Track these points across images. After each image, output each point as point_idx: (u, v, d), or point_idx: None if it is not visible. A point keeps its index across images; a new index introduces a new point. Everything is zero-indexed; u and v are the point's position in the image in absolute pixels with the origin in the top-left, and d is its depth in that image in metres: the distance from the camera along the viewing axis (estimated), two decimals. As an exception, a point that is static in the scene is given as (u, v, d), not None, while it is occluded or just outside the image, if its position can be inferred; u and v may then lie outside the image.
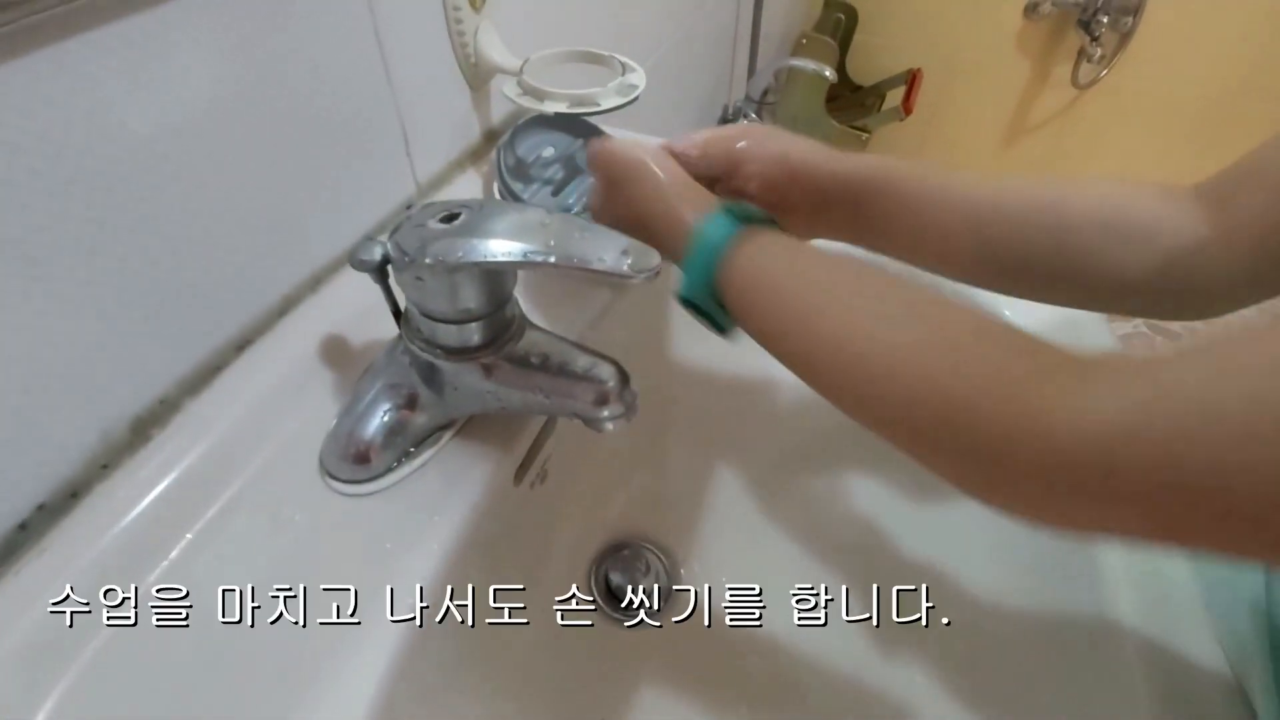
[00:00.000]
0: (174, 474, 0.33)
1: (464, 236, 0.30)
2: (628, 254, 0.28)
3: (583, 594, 0.49)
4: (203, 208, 0.34)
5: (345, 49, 0.40)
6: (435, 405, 0.36)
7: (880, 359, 0.26)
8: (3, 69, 0.25)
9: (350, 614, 0.31)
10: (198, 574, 0.31)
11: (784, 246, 0.32)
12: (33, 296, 0.28)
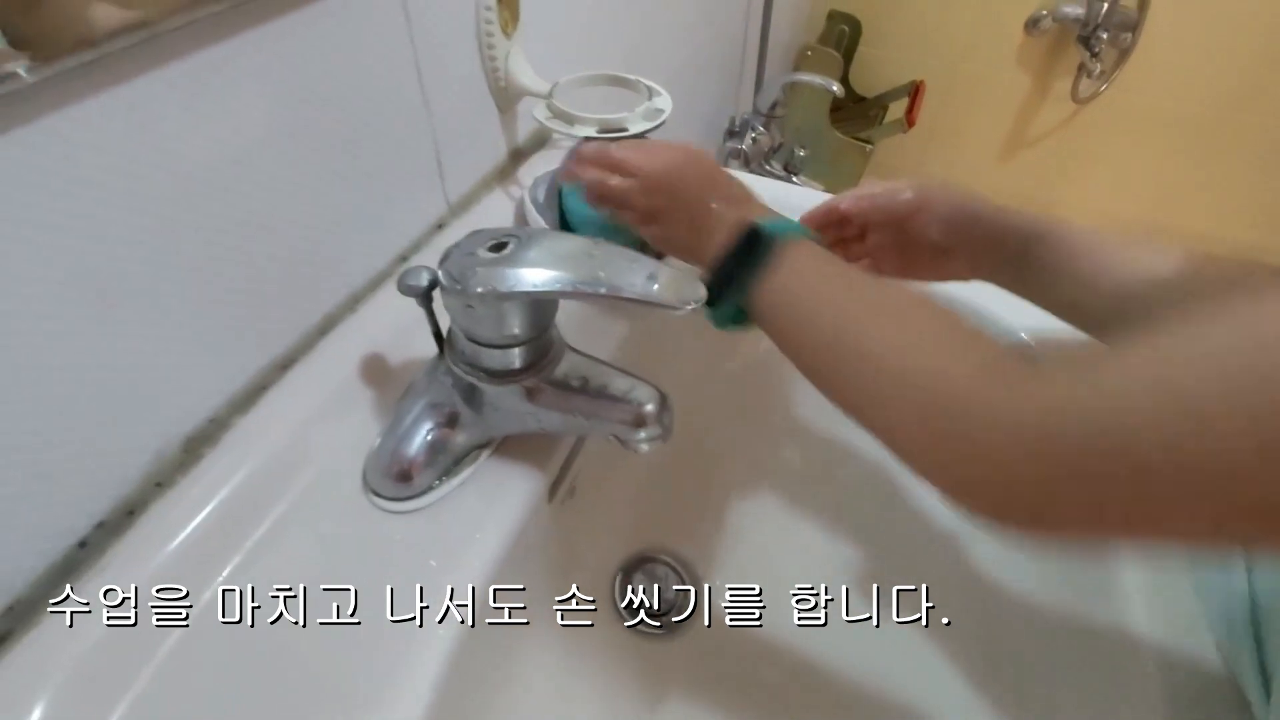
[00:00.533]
0: (225, 491, 0.34)
1: (513, 266, 0.31)
2: (675, 283, 0.29)
3: (609, 603, 0.50)
4: (253, 233, 0.35)
5: (387, 77, 0.41)
6: (476, 425, 0.37)
7: (872, 352, 0.29)
8: (80, 107, 0.26)
9: (401, 617, 0.32)
10: (250, 586, 0.32)
11: (814, 265, 0.34)
12: (103, 323, 0.29)
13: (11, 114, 0.24)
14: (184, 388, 0.34)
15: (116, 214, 0.28)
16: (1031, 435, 0.23)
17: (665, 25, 0.85)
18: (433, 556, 0.35)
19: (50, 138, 0.25)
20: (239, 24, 0.31)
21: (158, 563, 0.31)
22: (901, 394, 0.27)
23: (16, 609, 0.29)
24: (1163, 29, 1.47)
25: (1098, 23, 1.48)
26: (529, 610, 0.40)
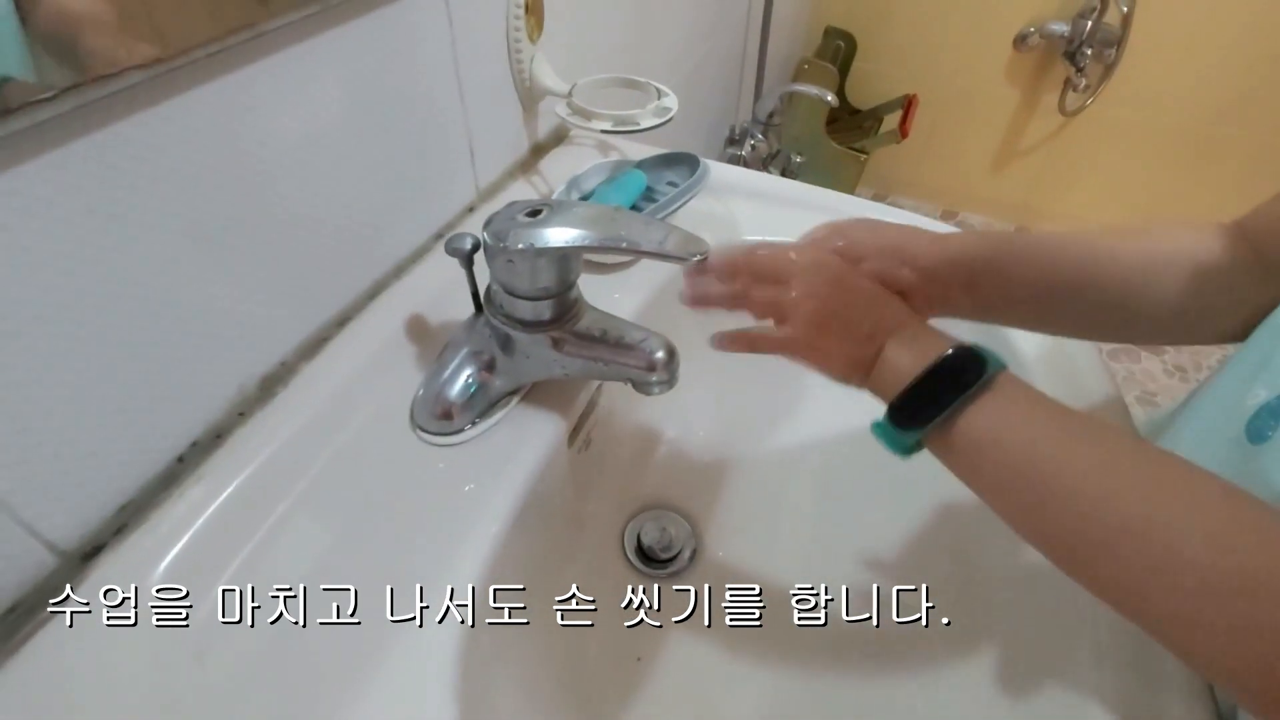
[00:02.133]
0: (297, 424, 0.40)
1: (548, 227, 0.37)
2: (685, 240, 0.35)
3: (619, 548, 0.55)
4: (322, 206, 0.41)
5: (432, 77, 0.47)
6: (509, 371, 0.43)
7: (1188, 557, 0.24)
8: (203, 89, 0.32)
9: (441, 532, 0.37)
10: (323, 500, 0.38)
11: (1035, 399, 0.31)
12: (205, 268, 0.35)
13: (155, 92, 0.30)
14: (262, 334, 0.40)
15: (223, 179, 0.34)
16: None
17: (671, 38, 0.92)
18: (470, 482, 0.41)
19: (181, 112, 0.31)
20: (320, 26, 0.37)
21: (242, 479, 0.37)
22: (1224, 615, 0.22)
23: (129, 507, 0.35)
24: (1145, 45, 1.54)
25: (1083, 39, 1.55)
26: (548, 542, 0.46)
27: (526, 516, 0.41)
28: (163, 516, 0.35)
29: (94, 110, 0.28)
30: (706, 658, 0.51)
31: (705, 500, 0.59)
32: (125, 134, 0.29)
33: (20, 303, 0.27)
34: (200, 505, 0.36)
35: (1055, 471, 0.28)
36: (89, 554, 0.33)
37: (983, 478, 0.31)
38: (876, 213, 0.64)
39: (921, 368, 0.31)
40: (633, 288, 0.54)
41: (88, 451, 0.32)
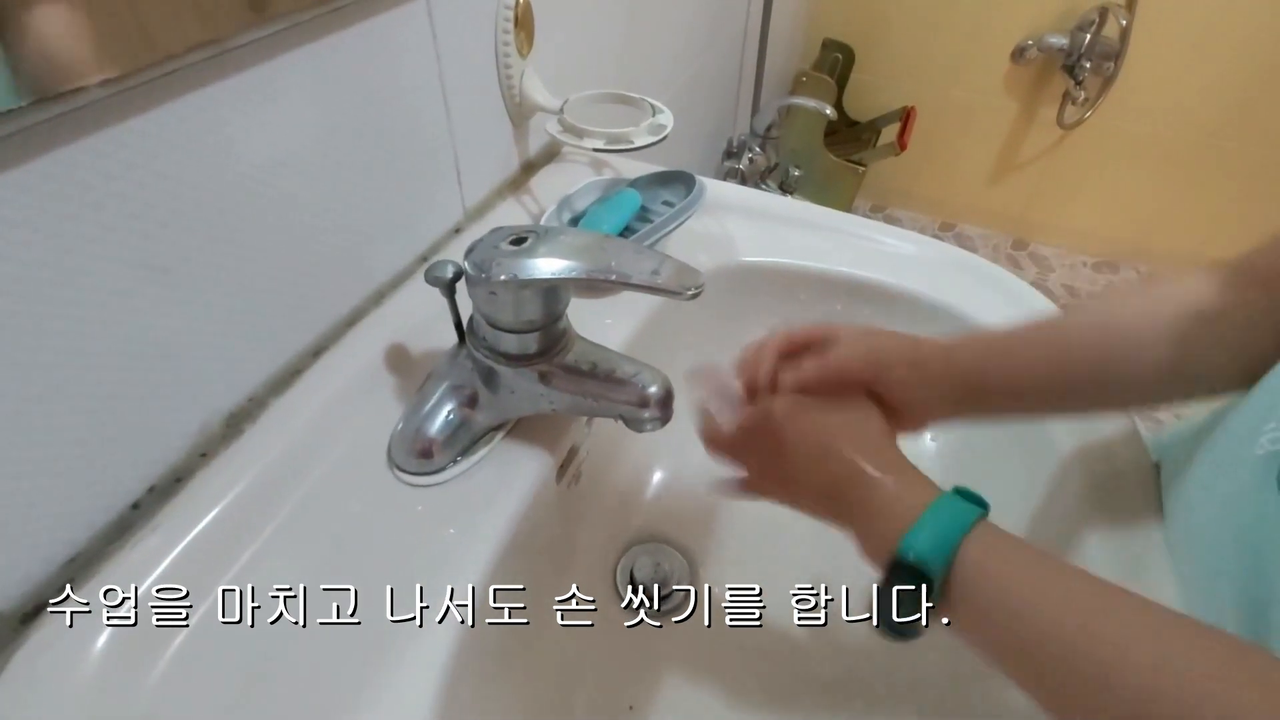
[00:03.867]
0: (264, 464, 0.37)
1: (532, 257, 0.35)
2: (680, 272, 0.33)
3: (611, 587, 0.52)
4: (294, 231, 0.39)
5: (415, 93, 0.45)
6: (493, 406, 0.40)
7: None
8: (161, 110, 0.30)
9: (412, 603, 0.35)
10: (291, 547, 0.35)
11: (1029, 552, 0.29)
12: (160, 301, 0.32)
13: (103, 116, 0.28)
14: (227, 367, 0.37)
15: (182, 204, 0.32)
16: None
17: (665, 51, 0.90)
18: (451, 526, 0.38)
19: (135, 135, 0.29)
20: (292, 41, 0.35)
21: (203, 526, 0.34)
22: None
23: (78, 560, 0.32)
24: (1144, 58, 1.54)
25: (1081, 52, 1.54)
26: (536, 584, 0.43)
27: (512, 560, 0.39)
28: (114, 570, 0.32)
29: (34, 134, 0.25)
30: (704, 705, 0.48)
31: (701, 534, 0.57)
32: (71, 159, 0.27)
33: (-54, 346, 0.25)
34: (156, 556, 0.33)
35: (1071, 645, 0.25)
36: (29, 615, 0.30)
37: (982, 636, 0.29)
38: (871, 229, 0.62)
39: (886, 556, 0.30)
40: (623, 313, 0.52)
41: (28, 501, 0.29)
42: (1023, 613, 0.26)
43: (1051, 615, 0.26)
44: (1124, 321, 0.37)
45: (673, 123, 0.54)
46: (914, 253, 0.60)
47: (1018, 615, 0.27)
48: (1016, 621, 0.27)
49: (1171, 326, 0.36)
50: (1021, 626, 0.26)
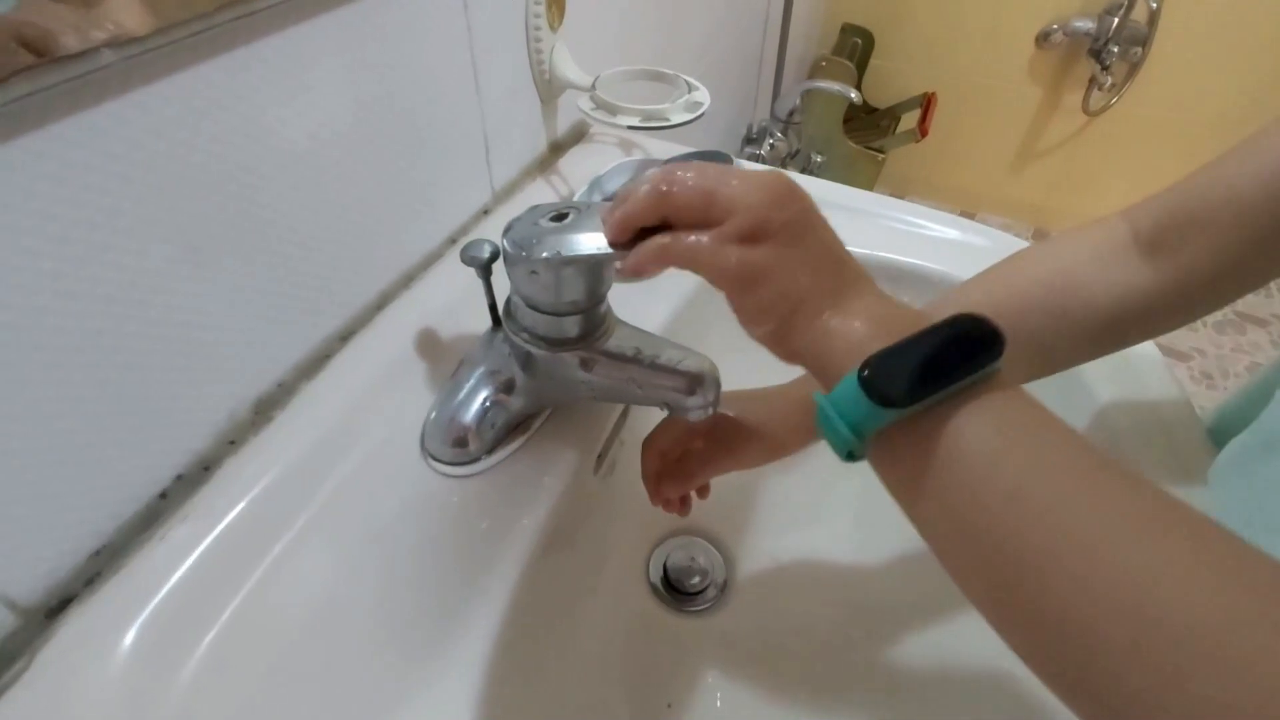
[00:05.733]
0: (293, 453, 0.35)
1: (575, 232, 0.33)
2: None
3: (645, 581, 0.51)
4: (322, 208, 0.37)
5: (446, 67, 0.43)
6: (530, 393, 0.39)
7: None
8: (188, 73, 0.28)
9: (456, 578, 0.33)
10: (323, 540, 0.33)
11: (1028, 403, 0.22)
12: (189, 281, 0.31)
13: (131, 76, 0.26)
14: (256, 351, 0.36)
15: (210, 177, 0.30)
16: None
17: (692, 31, 0.87)
18: (487, 519, 0.36)
19: (160, 100, 0.27)
20: (322, 5, 0.33)
21: (233, 517, 0.33)
22: None
23: (104, 553, 0.30)
24: (1173, 43, 1.50)
25: (1108, 37, 1.51)
26: (570, 579, 0.42)
27: (548, 554, 0.37)
28: (142, 562, 0.31)
29: (54, 97, 0.24)
30: (743, 702, 0.46)
31: (737, 526, 0.55)
32: (94, 125, 0.25)
33: (-33, 324, 0.23)
34: (185, 548, 0.31)
35: (1067, 524, 0.19)
36: (55, 609, 0.29)
37: (944, 505, 0.22)
38: (909, 213, 0.60)
39: (912, 329, 0.23)
40: (662, 294, 0.50)
41: (54, 493, 0.28)
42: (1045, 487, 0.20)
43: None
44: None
45: (709, 100, 0.52)
46: (957, 237, 0.58)
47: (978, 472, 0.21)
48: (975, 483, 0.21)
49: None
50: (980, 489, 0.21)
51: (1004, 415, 0.22)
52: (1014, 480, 0.20)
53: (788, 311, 0.26)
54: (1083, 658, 0.18)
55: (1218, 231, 0.32)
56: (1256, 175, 0.31)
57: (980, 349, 0.22)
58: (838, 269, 0.26)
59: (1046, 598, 0.19)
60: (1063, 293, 0.36)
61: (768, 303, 0.26)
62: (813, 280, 0.25)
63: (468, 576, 0.34)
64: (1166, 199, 0.35)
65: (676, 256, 0.27)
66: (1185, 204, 0.34)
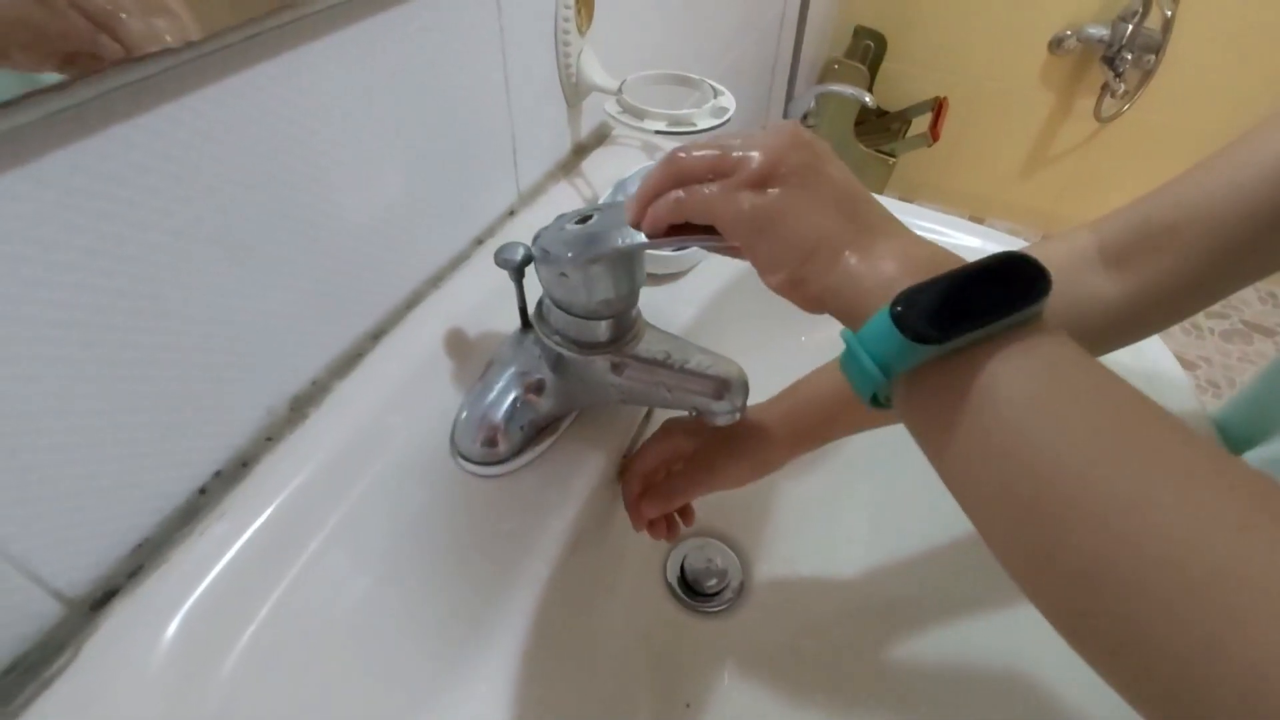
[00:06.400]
0: (328, 451, 0.36)
1: (600, 230, 0.33)
2: None
3: (663, 583, 0.51)
4: (357, 210, 0.37)
5: (478, 69, 0.43)
6: (560, 395, 0.39)
7: None
8: (237, 78, 0.28)
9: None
10: (357, 538, 0.34)
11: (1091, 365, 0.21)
12: (232, 280, 0.31)
13: (184, 81, 0.26)
14: (292, 350, 0.36)
15: (256, 179, 0.31)
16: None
17: (711, 34, 0.87)
18: (516, 517, 0.37)
19: (211, 104, 0.28)
20: (365, 10, 0.33)
21: (270, 513, 0.33)
22: None
23: (146, 546, 0.31)
24: (1186, 51, 1.50)
25: (1122, 44, 1.50)
26: (593, 580, 0.42)
27: (574, 555, 0.38)
28: (183, 556, 0.31)
29: (113, 101, 0.24)
30: (760, 702, 0.47)
31: (753, 529, 0.56)
32: (149, 128, 0.26)
33: (21, 321, 0.24)
34: (224, 543, 0.32)
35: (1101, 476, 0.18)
36: (100, 601, 0.29)
37: (976, 453, 0.20)
38: (932, 221, 0.60)
39: (947, 267, 0.22)
40: (686, 298, 0.51)
41: (100, 487, 0.28)
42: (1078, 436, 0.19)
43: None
44: None
45: (735, 105, 0.52)
46: (977, 245, 0.58)
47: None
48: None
49: None
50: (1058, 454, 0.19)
51: (1046, 359, 0.20)
52: (1053, 430, 0.19)
53: (805, 254, 0.25)
54: (1129, 616, 0.17)
55: (1184, 245, 0.33)
56: (1224, 191, 0.32)
57: (1023, 288, 0.20)
58: (856, 209, 0.25)
59: (1088, 558, 0.18)
60: None
61: (782, 246, 0.25)
62: (830, 221, 0.25)
63: (497, 576, 0.34)
64: (1131, 213, 0.35)
65: (690, 207, 0.27)
66: (1154, 217, 0.34)
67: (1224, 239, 0.31)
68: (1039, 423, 0.19)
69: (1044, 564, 0.19)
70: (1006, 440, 0.20)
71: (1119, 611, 0.17)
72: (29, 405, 0.25)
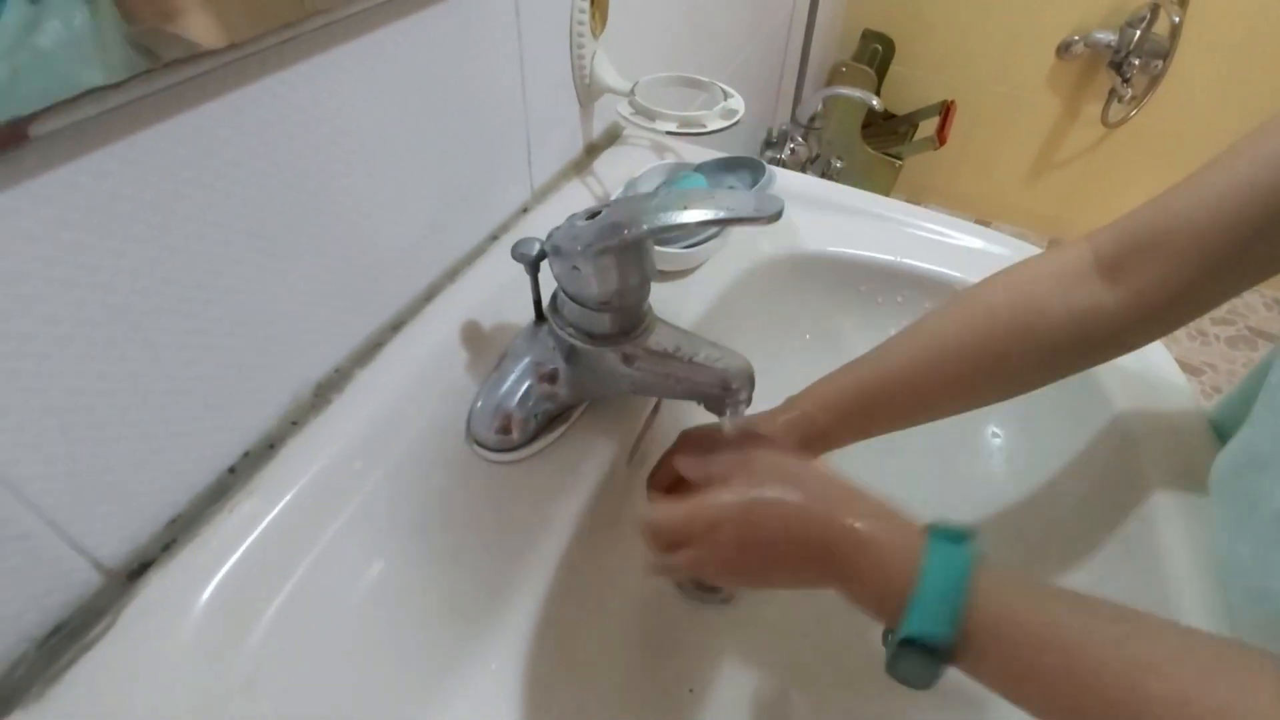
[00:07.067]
0: (350, 435, 0.37)
1: (608, 222, 0.34)
2: (752, 203, 0.32)
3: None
4: (381, 205, 0.39)
5: (497, 70, 0.45)
6: (572, 385, 0.41)
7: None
8: (272, 79, 0.30)
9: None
10: (377, 520, 0.35)
11: (1027, 584, 0.28)
12: (264, 270, 0.33)
13: (227, 80, 0.28)
14: (317, 338, 0.38)
15: (286, 174, 0.32)
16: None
17: (720, 37, 0.89)
18: (528, 502, 0.38)
19: (251, 103, 0.29)
20: (392, 14, 0.35)
21: (295, 492, 0.35)
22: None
23: (179, 521, 0.33)
24: (1194, 57, 1.50)
25: (1129, 49, 1.51)
26: (600, 565, 0.44)
27: (583, 540, 0.39)
28: (213, 532, 0.33)
29: (163, 99, 0.26)
30: (763, 691, 0.48)
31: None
32: (194, 124, 0.27)
33: (76, 304, 0.25)
34: (252, 520, 0.33)
35: (1090, 671, 0.25)
36: (136, 572, 0.31)
37: (1001, 681, 0.27)
38: (935, 222, 0.61)
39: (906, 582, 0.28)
40: (694, 295, 0.52)
41: (139, 462, 0.30)
42: (1043, 652, 0.26)
43: (1073, 647, 0.26)
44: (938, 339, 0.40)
45: (744, 108, 0.53)
46: (980, 246, 0.60)
47: (1038, 655, 0.26)
48: (1037, 661, 0.26)
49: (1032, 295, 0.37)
50: (1043, 664, 0.26)
51: (1001, 605, 0.27)
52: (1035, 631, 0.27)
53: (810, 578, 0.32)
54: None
55: (1175, 256, 0.33)
56: (1210, 201, 0.32)
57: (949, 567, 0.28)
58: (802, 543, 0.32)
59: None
60: (1025, 312, 0.37)
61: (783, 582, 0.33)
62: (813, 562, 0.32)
63: (509, 558, 0.36)
64: (1124, 224, 0.36)
65: None
66: (1145, 227, 0.35)
67: (1209, 248, 0.32)
68: (1037, 646, 0.27)
69: None
70: (1026, 662, 0.27)
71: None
72: (81, 382, 0.26)
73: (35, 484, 0.26)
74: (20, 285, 0.23)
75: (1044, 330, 0.37)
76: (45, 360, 0.25)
